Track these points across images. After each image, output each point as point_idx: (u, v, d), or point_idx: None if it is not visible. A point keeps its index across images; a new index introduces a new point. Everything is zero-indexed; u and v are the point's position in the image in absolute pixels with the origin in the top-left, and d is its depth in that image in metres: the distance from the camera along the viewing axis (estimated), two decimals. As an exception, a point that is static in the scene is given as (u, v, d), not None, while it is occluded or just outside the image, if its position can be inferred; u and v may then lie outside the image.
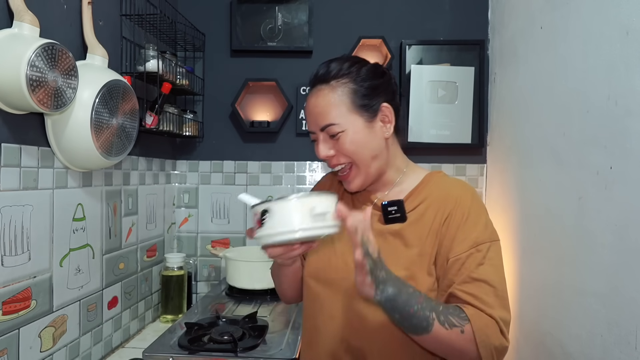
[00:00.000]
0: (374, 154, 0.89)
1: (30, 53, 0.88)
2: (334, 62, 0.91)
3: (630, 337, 0.94)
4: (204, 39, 1.91)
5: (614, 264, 1.01)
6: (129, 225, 1.50)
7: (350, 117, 0.87)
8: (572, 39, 1.22)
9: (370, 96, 0.89)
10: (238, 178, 1.95)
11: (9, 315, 0.97)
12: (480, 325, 0.76)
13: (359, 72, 0.89)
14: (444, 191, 0.90)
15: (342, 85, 0.88)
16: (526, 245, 1.48)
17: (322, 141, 0.90)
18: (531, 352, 1.41)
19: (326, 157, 0.90)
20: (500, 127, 1.77)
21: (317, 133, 0.91)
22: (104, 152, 1.13)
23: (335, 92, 0.88)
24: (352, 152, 0.88)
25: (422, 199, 0.90)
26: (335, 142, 0.88)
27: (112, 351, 1.39)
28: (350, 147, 0.87)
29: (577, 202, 1.16)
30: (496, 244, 0.86)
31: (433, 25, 1.90)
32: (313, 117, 0.90)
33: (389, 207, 0.90)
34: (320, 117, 0.88)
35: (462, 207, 0.87)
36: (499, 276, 0.83)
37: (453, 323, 0.76)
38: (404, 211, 0.89)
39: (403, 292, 0.74)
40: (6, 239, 0.96)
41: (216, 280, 1.94)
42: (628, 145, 0.97)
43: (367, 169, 0.89)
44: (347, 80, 0.88)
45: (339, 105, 0.87)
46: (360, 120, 0.88)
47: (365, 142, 0.88)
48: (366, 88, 0.89)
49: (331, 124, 0.87)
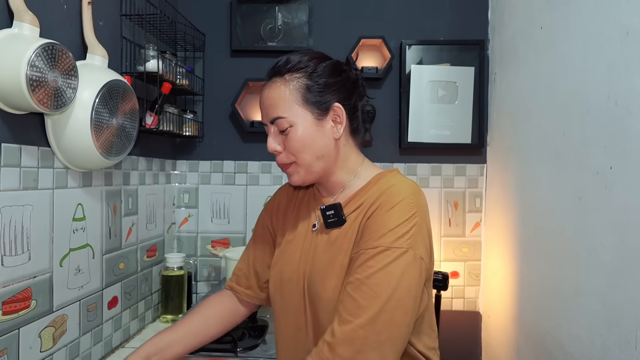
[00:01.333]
0: (320, 153, 0.88)
1: (30, 53, 0.88)
2: (295, 55, 0.90)
3: (630, 337, 0.94)
4: (204, 39, 1.91)
5: (614, 264, 1.01)
6: (129, 225, 1.50)
7: (300, 112, 0.86)
8: (572, 39, 1.22)
9: (322, 93, 0.87)
10: (238, 178, 1.95)
11: (9, 315, 0.97)
12: None
13: (315, 68, 0.88)
14: (382, 189, 0.86)
15: (296, 80, 0.87)
16: (526, 245, 1.48)
17: (272, 134, 0.90)
18: (531, 352, 1.41)
19: (274, 151, 0.90)
20: (500, 127, 1.77)
21: (268, 126, 0.90)
22: (104, 152, 1.13)
23: (287, 85, 0.87)
24: (297, 150, 0.86)
25: (361, 202, 0.87)
26: (285, 137, 0.88)
27: (112, 351, 1.39)
28: (297, 145, 0.86)
29: (577, 202, 1.16)
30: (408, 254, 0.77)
31: (433, 25, 1.90)
32: (265, 108, 0.90)
33: (327, 211, 0.89)
34: (271, 109, 0.88)
35: (386, 206, 0.82)
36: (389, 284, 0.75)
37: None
38: (341, 215, 0.88)
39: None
40: (6, 239, 0.96)
41: (216, 280, 1.94)
42: (628, 145, 0.97)
43: (308, 168, 0.88)
44: (302, 75, 0.87)
45: (289, 99, 0.86)
46: (310, 117, 0.87)
47: (313, 140, 0.87)
48: (319, 85, 0.87)
49: (280, 117, 0.87)
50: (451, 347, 1.85)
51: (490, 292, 1.81)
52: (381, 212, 0.82)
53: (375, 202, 0.85)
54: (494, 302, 1.76)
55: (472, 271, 1.90)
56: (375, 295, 0.75)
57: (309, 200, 1.00)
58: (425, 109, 1.86)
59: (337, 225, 0.88)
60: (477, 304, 1.91)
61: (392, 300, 0.75)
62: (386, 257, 0.77)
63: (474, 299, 1.91)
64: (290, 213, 1.03)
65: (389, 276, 0.76)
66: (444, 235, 1.91)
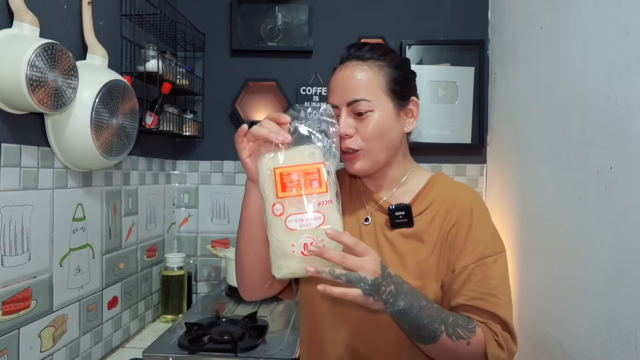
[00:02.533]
0: (390, 144, 0.86)
1: (30, 53, 0.88)
2: (366, 45, 0.88)
3: (630, 337, 0.94)
4: (204, 39, 1.91)
5: (614, 264, 1.01)
6: (129, 225, 1.50)
7: (382, 99, 0.84)
8: (572, 39, 1.22)
9: (404, 85, 0.87)
10: (238, 178, 1.95)
11: (9, 315, 0.97)
12: (491, 341, 0.78)
13: (393, 59, 0.87)
14: (449, 195, 0.88)
15: (380, 67, 0.85)
16: (526, 245, 1.48)
17: (345, 117, 0.84)
18: (531, 352, 1.41)
19: (345, 135, 0.84)
20: (500, 127, 1.77)
21: (341, 107, 0.85)
22: (104, 152, 1.13)
23: (372, 69, 0.84)
24: (371, 137, 0.83)
25: (428, 203, 0.88)
26: (359, 121, 0.84)
27: (112, 351, 1.39)
28: (374, 131, 0.83)
29: (577, 202, 1.16)
30: (503, 256, 0.86)
31: (433, 25, 1.90)
32: (342, 89, 0.85)
33: (397, 211, 0.87)
34: (352, 90, 0.83)
35: (469, 214, 0.85)
36: (505, 288, 0.83)
37: (460, 335, 0.76)
38: (411, 216, 0.87)
39: (414, 306, 0.73)
40: (6, 239, 0.96)
41: (216, 280, 1.94)
42: (628, 145, 0.97)
43: (375, 157, 0.85)
44: (385, 63, 0.85)
45: (374, 83, 0.83)
46: (391, 106, 0.85)
47: (388, 129, 0.84)
48: (403, 77, 0.87)
49: (363, 99, 0.82)
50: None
51: (490, 292, 1.81)
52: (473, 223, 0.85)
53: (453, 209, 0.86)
54: (494, 302, 1.76)
55: (472, 271, 1.90)
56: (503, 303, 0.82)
57: (351, 193, 0.96)
58: (425, 109, 1.85)
59: (405, 226, 0.87)
60: (477, 304, 1.91)
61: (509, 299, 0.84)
62: (498, 264, 0.84)
63: (474, 299, 1.91)
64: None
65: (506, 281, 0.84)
66: (444, 235, 1.90)
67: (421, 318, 0.74)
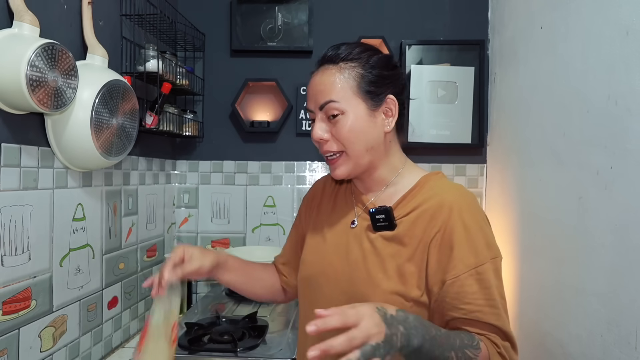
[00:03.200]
0: (369, 145, 0.85)
1: (30, 53, 0.88)
2: (344, 45, 0.88)
3: (630, 337, 0.94)
4: (204, 39, 1.91)
5: (614, 264, 1.01)
6: (129, 225, 1.50)
7: (353, 101, 0.84)
8: (572, 39, 1.22)
9: (377, 84, 0.85)
10: (238, 178, 1.95)
11: (9, 315, 0.97)
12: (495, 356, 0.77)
13: (368, 59, 0.86)
14: (438, 198, 0.84)
15: (350, 68, 0.85)
16: (526, 245, 1.48)
17: (318, 121, 0.86)
18: (531, 352, 1.41)
19: (320, 140, 0.86)
20: (500, 127, 1.77)
21: (316, 112, 0.87)
22: (104, 152, 1.13)
23: (342, 72, 0.85)
24: (346, 139, 0.83)
25: (414, 206, 0.85)
26: (333, 125, 0.84)
27: (112, 351, 1.39)
28: (347, 134, 0.83)
29: (577, 202, 1.16)
30: (497, 262, 0.82)
31: (433, 25, 1.90)
32: (314, 94, 0.86)
33: (377, 214, 0.86)
34: (323, 94, 0.84)
35: (457, 219, 0.80)
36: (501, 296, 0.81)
37: (469, 356, 0.74)
38: (392, 219, 0.85)
39: (426, 339, 0.71)
40: (6, 239, 0.96)
41: (216, 280, 1.94)
42: (628, 145, 0.97)
43: (357, 160, 0.85)
44: (356, 64, 0.85)
45: (343, 85, 0.84)
46: (362, 106, 0.84)
47: (363, 131, 0.84)
48: (374, 75, 0.85)
49: (332, 100, 0.83)
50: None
51: (490, 292, 1.81)
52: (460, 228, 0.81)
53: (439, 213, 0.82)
54: (494, 302, 1.76)
55: (472, 271, 1.90)
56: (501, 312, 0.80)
57: (345, 195, 0.98)
58: (425, 109, 1.86)
59: (386, 230, 0.86)
60: (477, 304, 1.91)
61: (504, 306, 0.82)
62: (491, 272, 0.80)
63: (474, 299, 1.91)
64: (325, 206, 1.00)
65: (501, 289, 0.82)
66: (444, 235, 1.91)
67: (433, 350, 0.71)
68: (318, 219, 1.00)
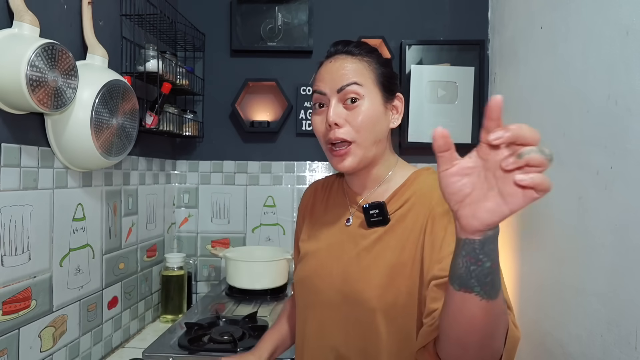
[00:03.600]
0: (377, 138, 0.86)
1: (30, 53, 0.88)
2: (352, 42, 0.89)
3: (630, 337, 0.94)
4: (204, 39, 1.91)
5: (614, 264, 1.01)
6: (129, 225, 1.50)
7: (373, 89, 0.85)
8: (572, 39, 1.22)
9: (390, 79, 0.88)
10: (238, 178, 1.95)
11: (9, 315, 0.97)
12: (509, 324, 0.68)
13: (379, 57, 0.89)
14: (428, 188, 0.85)
15: (368, 62, 0.86)
16: (526, 244, 1.48)
17: (334, 105, 0.84)
18: (531, 352, 1.41)
19: (335, 125, 0.83)
20: (500, 127, 1.76)
21: (330, 96, 0.85)
22: (104, 152, 1.13)
23: (362, 63, 0.86)
24: (360, 126, 0.83)
25: (405, 199, 0.86)
26: (349, 111, 0.84)
27: (112, 351, 1.39)
28: (363, 120, 0.83)
29: (577, 202, 1.16)
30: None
31: (433, 25, 1.90)
32: (334, 77, 0.85)
33: (370, 210, 0.86)
34: (345, 77, 0.84)
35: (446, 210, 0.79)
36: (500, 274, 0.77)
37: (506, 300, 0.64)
38: (385, 214, 0.86)
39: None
40: (6, 239, 0.96)
41: (216, 280, 1.94)
42: (628, 145, 0.97)
43: (365, 151, 0.85)
44: (372, 60, 0.87)
45: (366, 74, 0.85)
46: (380, 97, 0.86)
47: (376, 121, 0.85)
48: (388, 72, 0.89)
49: (356, 83, 0.83)
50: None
51: (490, 292, 1.81)
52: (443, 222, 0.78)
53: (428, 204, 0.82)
54: (494, 302, 1.76)
55: (472, 271, 1.90)
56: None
57: (337, 197, 0.99)
58: (425, 109, 1.86)
59: (380, 225, 0.86)
60: (477, 304, 1.91)
61: None
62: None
63: (474, 299, 1.91)
64: (318, 208, 1.02)
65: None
66: (444, 235, 1.91)
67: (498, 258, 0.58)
68: (311, 223, 1.01)
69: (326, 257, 0.92)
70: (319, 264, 0.93)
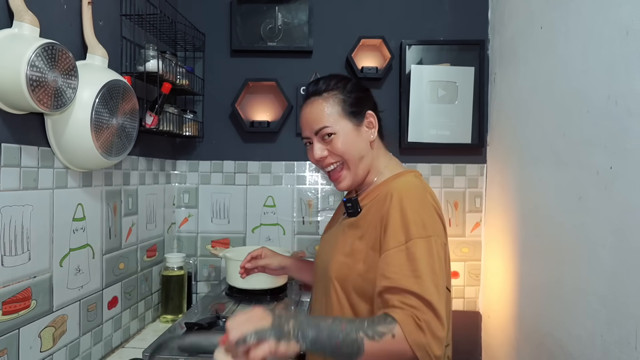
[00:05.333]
0: (361, 154, 1.03)
1: (30, 53, 0.88)
2: (321, 80, 1.06)
3: (630, 337, 0.94)
4: (204, 39, 1.91)
5: (614, 264, 1.01)
6: (129, 225, 1.50)
7: (341, 122, 1.02)
8: (572, 39, 1.22)
9: (356, 105, 1.04)
10: (238, 178, 1.95)
11: (9, 315, 0.97)
12: (410, 328, 0.78)
13: (345, 86, 1.05)
14: (389, 188, 0.98)
15: (333, 97, 1.03)
16: (526, 245, 1.48)
17: (316, 143, 1.04)
18: (531, 352, 1.41)
19: (320, 158, 1.04)
20: (500, 127, 1.77)
21: (312, 137, 1.04)
22: (104, 152, 1.13)
23: (327, 101, 1.03)
24: (342, 152, 1.02)
25: (373, 197, 1.02)
26: (328, 144, 1.03)
27: (112, 351, 1.39)
28: (342, 147, 1.01)
29: (577, 202, 1.16)
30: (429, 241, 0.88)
31: (433, 25, 1.90)
32: (308, 123, 1.04)
33: (347, 203, 1.05)
34: (316, 122, 1.02)
35: (397, 202, 0.92)
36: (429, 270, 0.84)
37: (382, 332, 0.78)
38: (356, 207, 1.03)
39: (323, 328, 0.78)
40: (6, 239, 0.96)
41: (216, 280, 1.94)
42: (628, 145, 0.97)
43: (355, 169, 1.03)
44: (337, 92, 1.04)
45: (331, 111, 1.02)
46: (349, 125, 1.03)
47: (354, 143, 1.02)
48: (353, 98, 1.04)
49: (325, 126, 1.01)
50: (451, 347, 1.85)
51: (490, 292, 1.81)
52: (396, 211, 0.92)
53: (385, 199, 0.96)
54: (494, 302, 1.76)
55: (472, 271, 1.90)
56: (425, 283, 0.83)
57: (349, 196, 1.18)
58: (425, 109, 1.86)
59: (352, 216, 1.04)
60: (477, 304, 1.91)
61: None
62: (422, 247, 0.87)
63: (474, 299, 1.91)
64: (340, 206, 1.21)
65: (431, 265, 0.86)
66: (444, 235, 1.91)
67: (335, 336, 0.77)
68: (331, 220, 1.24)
69: (324, 243, 1.16)
70: (319, 248, 1.18)
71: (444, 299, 0.84)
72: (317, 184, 1.93)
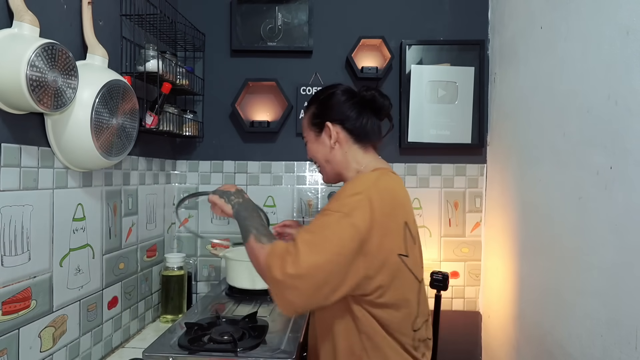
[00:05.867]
0: (326, 159, 1.16)
1: (30, 53, 0.88)
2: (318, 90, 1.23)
3: (630, 337, 0.94)
4: (204, 39, 1.91)
5: (614, 264, 1.01)
6: (129, 225, 1.50)
7: (308, 132, 1.19)
8: (572, 39, 1.22)
9: (318, 116, 1.16)
10: (238, 178, 1.95)
11: (9, 315, 0.97)
12: (274, 249, 0.97)
13: (318, 98, 1.18)
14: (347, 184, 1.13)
15: (308, 109, 1.20)
16: (526, 245, 1.48)
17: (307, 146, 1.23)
18: (531, 352, 1.41)
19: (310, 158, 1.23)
20: (500, 127, 1.77)
21: None
22: (104, 152, 1.13)
23: (306, 112, 1.21)
24: (311, 156, 1.20)
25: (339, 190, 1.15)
26: None
27: (112, 351, 1.39)
28: (310, 153, 1.20)
29: (577, 202, 1.16)
30: (336, 215, 0.98)
31: (433, 25, 1.90)
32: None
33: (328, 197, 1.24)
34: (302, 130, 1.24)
35: (341, 189, 1.06)
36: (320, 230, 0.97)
37: (262, 241, 1.01)
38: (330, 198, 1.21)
39: (246, 216, 1.09)
40: (6, 239, 0.96)
41: (216, 280, 1.94)
42: (628, 145, 0.97)
43: (324, 170, 1.19)
44: (311, 105, 1.19)
45: (305, 122, 1.21)
46: (312, 135, 1.18)
47: (317, 150, 1.17)
48: (317, 111, 1.16)
49: (303, 135, 1.23)
50: (451, 347, 1.85)
51: (490, 292, 1.81)
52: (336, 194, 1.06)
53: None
54: (494, 302, 1.76)
55: (472, 271, 1.90)
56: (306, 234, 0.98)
57: None
58: (425, 109, 1.86)
59: None
60: (477, 304, 1.91)
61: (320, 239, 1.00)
62: (328, 217, 0.99)
63: (474, 299, 1.91)
64: None
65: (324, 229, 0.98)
66: (444, 235, 1.91)
67: (245, 222, 1.08)
68: None
69: None
70: None
71: (319, 256, 0.94)
72: (317, 184, 1.93)
